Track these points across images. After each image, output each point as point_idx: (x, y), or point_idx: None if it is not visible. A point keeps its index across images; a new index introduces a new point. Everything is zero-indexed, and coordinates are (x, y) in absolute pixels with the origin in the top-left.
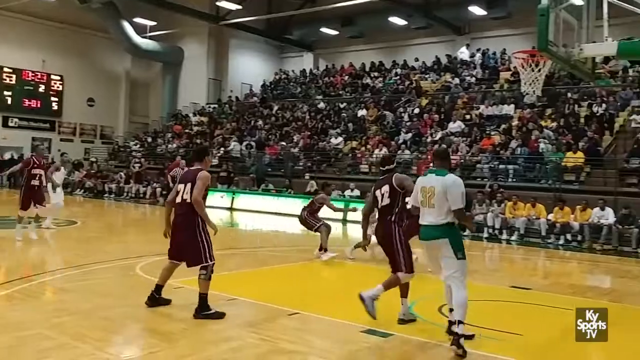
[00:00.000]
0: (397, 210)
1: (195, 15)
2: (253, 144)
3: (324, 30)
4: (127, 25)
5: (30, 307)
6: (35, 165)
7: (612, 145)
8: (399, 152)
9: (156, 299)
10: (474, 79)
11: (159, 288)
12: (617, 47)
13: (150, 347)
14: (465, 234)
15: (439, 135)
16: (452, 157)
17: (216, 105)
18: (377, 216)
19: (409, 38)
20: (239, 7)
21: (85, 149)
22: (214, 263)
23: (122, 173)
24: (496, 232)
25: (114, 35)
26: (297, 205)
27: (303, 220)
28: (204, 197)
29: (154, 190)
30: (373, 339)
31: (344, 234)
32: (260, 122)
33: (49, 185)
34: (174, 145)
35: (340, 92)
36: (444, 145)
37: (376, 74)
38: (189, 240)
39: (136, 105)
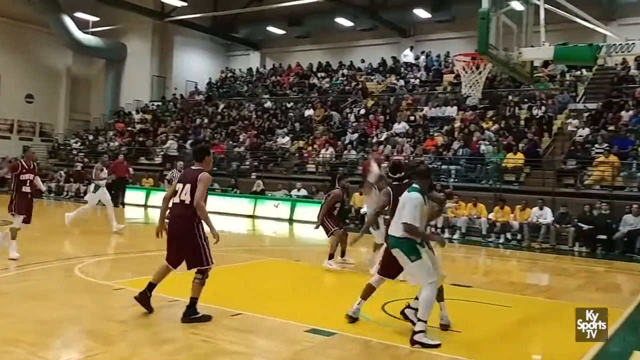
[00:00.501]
0: None
1: (139, 11)
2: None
3: (271, 29)
4: (68, 20)
5: None
6: (24, 170)
7: (550, 146)
8: (345, 152)
9: (147, 297)
10: (418, 81)
11: (151, 286)
12: (553, 52)
13: (88, 350)
14: None
15: (384, 135)
16: (396, 157)
17: (160, 103)
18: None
19: (355, 39)
20: (184, 4)
21: (24, 147)
22: (211, 267)
23: (62, 172)
24: (438, 230)
25: (55, 30)
26: (242, 204)
27: (323, 223)
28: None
29: None
30: (317, 338)
31: (290, 234)
32: (205, 121)
33: (90, 186)
34: (116, 144)
35: (287, 91)
36: (427, 165)
37: (323, 74)
38: (188, 242)
39: (77, 102)
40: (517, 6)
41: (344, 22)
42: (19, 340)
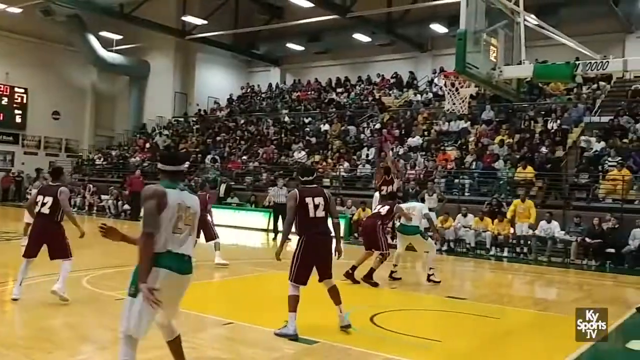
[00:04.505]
0: None
1: (162, 30)
2: (217, 157)
3: (290, 45)
4: (92, 39)
5: None
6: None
7: (563, 160)
8: (360, 166)
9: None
10: (432, 95)
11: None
12: (533, 70)
13: (78, 353)
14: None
15: (400, 150)
16: (409, 172)
17: (182, 119)
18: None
19: (373, 54)
20: (205, 22)
21: (50, 162)
22: (385, 254)
23: (90, 186)
24: (451, 244)
25: (80, 49)
26: (258, 218)
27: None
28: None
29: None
30: (299, 346)
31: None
32: (225, 136)
33: None
34: (138, 159)
35: (307, 107)
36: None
37: (341, 89)
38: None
39: (102, 118)
40: (500, 26)
41: (361, 37)
42: (16, 345)
